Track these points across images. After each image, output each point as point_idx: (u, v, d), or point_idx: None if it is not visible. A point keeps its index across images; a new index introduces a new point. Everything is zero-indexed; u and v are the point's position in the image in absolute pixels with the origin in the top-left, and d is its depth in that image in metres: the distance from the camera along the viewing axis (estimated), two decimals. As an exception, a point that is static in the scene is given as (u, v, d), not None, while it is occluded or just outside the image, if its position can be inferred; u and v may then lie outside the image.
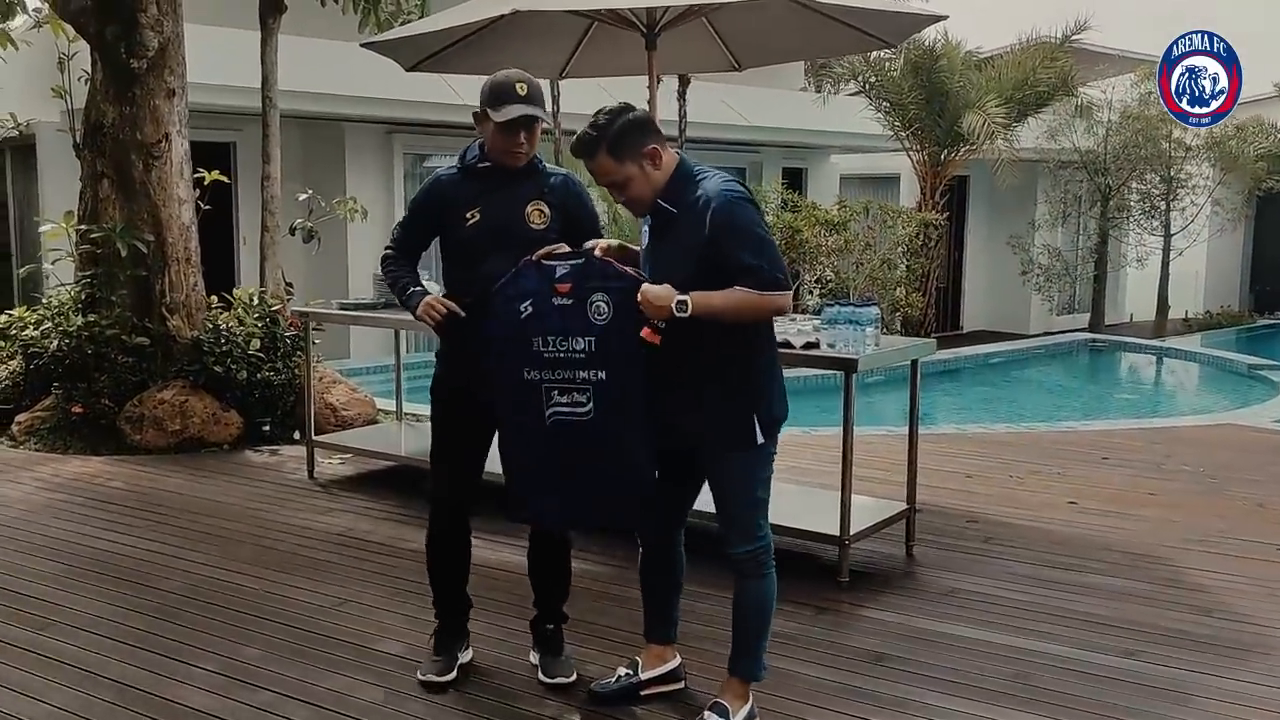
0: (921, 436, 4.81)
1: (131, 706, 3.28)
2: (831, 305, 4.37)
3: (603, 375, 3.06)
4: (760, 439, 3.04)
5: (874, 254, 12.19)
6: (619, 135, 2.98)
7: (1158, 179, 15.87)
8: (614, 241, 3.24)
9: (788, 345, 4.37)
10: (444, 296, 3.39)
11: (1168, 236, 16.29)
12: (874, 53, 12.95)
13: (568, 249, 3.19)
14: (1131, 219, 16.24)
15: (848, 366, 4.19)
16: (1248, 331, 16.52)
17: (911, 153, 14.15)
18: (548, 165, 3.45)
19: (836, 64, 13.66)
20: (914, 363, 4.69)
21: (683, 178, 3.03)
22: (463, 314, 3.28)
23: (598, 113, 3.01)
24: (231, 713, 3.23)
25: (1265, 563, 4.73)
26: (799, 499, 5.21)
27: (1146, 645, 3.81)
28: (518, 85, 3.23)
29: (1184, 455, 6.79)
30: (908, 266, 12.86)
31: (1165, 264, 16.51)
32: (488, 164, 3.34)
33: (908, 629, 3.95)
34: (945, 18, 5.75)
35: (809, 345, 4.35)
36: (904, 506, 4.76)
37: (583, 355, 3.07)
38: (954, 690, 3.44)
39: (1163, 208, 16.08)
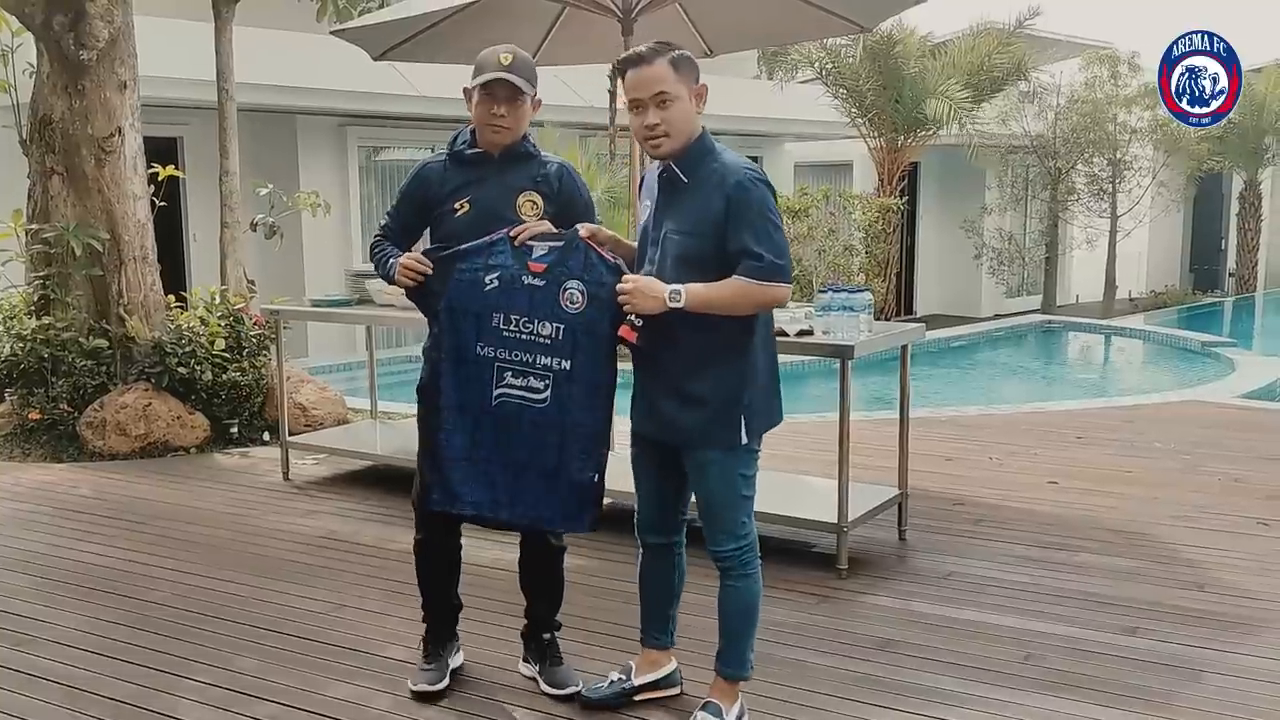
0: (899, 420, 4.78)
1: (128, 723, 3.14)
2: (825, 291, 4.33)
3: (567, 366, 2.97)
4: (745, 439, 2.94)
5: (836, 240, 12.22)
6: (682, 56, 2.88)
7: (1105, 162, 16.13)
8: (607, 231, 3.13)
9: (782, 333, 4.33)
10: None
11: (1114, 218, 16.57)
12: (830, 40, 12.96)
13: (552, 228, 3.05)
14: (1080, 201, 16.50)
15: (844, 353, 4.15)
16: (1190, 310, 16.87)
17: (868, 139, 14.21)
18: (544, 153, 3.29)
19: (791, 51, 13.66)
20: (904, 347, 4.68)
21: (702, 149, 2.91)
22: (431, 269, 3.06)
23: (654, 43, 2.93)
24: (235, 726, 3.12)
25: (1251, 536, 4.79)
26: (788, 487, 5.18)
27: (1147, 622, 3.83)
28: (501, 56, 3.08)
29: (1155, 433, 6.88)
30: (868, 252, 12.92)
31: (1112, 245, 16.81)
32: (477, 150, 3.18)
33: (911, 614, 3.93)
34: (925, -1, 5.71)
35: (803, 333, 4.32)
36: (896, 491, 4.75)
37: (547, 341, 2.96)
38: (966, 674, 3.43)
39: (1110, 190, 16.36)
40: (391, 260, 3.18)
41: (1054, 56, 15.43)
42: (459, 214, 3.15)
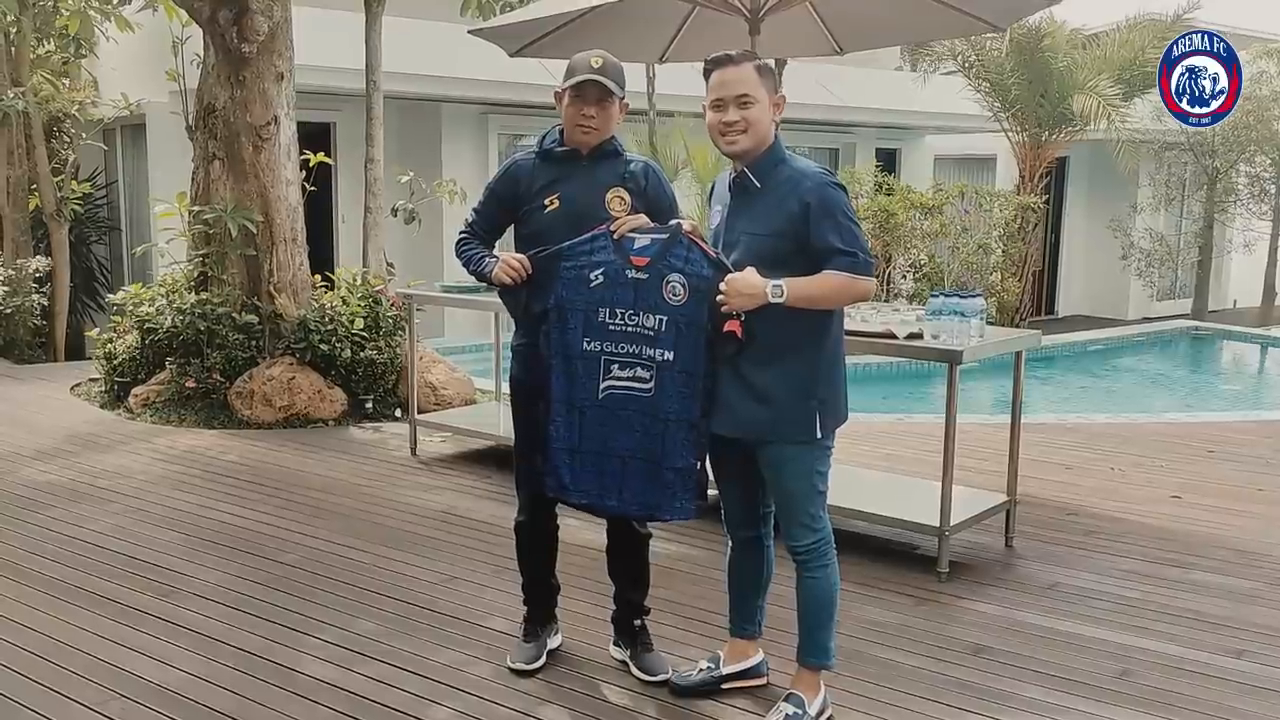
0: (1010, 426, 4.74)
1: (256, 675, 3.41)
2: (937, 295, 4.33)
3: (669, 357, 3.03)
4: (819, 434, 3.00)
5: (970, 238, 11.97)
6: (766, 65, 3.00)
7: (1268, 161, 15.30)
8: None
9: (891, 335, 4.37)
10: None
11: (1277, 221, 15.72)
12: (974, 32, 12.67)
13: (648, 221, 3.13)
14: (1239, 202, 15.71)
15: (952, 358, 4.16)
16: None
17: (1010, 134, 13.84)
18: (628, 152, 3.39)
19: (934, 44, 13.41)
20: (1018, 355, 4.64)
21: (774, 157, 3.01)
22: (530, 272, 3.15)
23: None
24: (350, 684, 3.35)
25: (1385, 565, 4.58)
26: (896, 488, 5.21)
27: (1257, 646, 3.73)
28: (592, 60, 3.20)
29: (1297, 451, 6.58)
30: (1004, 251, 12.60)
31: (1273, 249, 15.95)
32: (566, 148, 3.29)
33: (1008, 622, 3.92)
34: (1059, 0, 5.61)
35: (912, 336, 4.34)
36: (1004, 498, 4.72)
37: (651, 333, 3.03)
38: (1057, 685, 3.42)
39: (1273, 191, 15.52)
40: (488, 259, 3.30)
41: (1217, 50, 14.67)
42: (549, 210, 3.26)
